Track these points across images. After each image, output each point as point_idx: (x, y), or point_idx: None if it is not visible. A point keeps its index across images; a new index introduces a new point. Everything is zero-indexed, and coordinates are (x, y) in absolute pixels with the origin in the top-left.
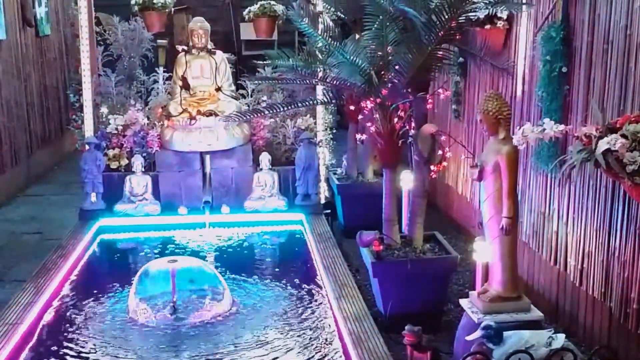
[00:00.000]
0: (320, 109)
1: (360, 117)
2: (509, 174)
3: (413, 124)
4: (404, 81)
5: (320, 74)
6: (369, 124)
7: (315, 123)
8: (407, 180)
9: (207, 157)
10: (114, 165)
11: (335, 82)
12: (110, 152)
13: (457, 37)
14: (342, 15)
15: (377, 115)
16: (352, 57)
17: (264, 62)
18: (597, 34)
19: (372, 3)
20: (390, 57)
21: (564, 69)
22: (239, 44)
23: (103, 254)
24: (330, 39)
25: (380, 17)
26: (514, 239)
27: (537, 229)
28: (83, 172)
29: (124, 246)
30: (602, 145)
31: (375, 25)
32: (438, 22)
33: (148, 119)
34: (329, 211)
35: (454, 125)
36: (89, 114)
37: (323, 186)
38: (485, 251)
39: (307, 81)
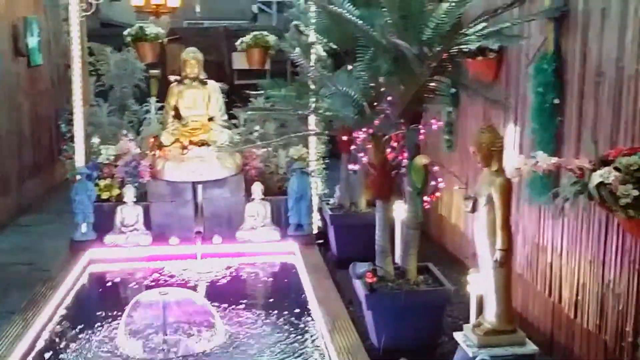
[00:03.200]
0: (312, 138)
1: (352, 147)
2: (502, 206)
3: (405, 155)
4: (397, 112)
5: (312, 105)
6: (361, 155)
7: (307, 152)
8: (399, 211)
9: (199, 187)
10: (105, 195)
11: (328, 112)
12: (102, 183)
13: (450, 68)
14: (335, 47)
15: (370, 146)
16: (344, 88)
17: (257, 92)
18: (589, 66)
19: (365, 35)
20: (382, 89)
21: (556, 101)
22: (231, 73)
23: (93, 286)
24: (323, 70)
25: (372, 48)
26: (508, 271)
27: (531, 261)
28: (74, 202)
29: (114, 277)
30: (596, 178)
31: (367, 57)
32: (430, 55)
33: (140, 149)
34: (321, 241)
35: (446, 156)
36: (81, 144)
37: (315, 216)
38: (480, 283)
39: (300, 111)
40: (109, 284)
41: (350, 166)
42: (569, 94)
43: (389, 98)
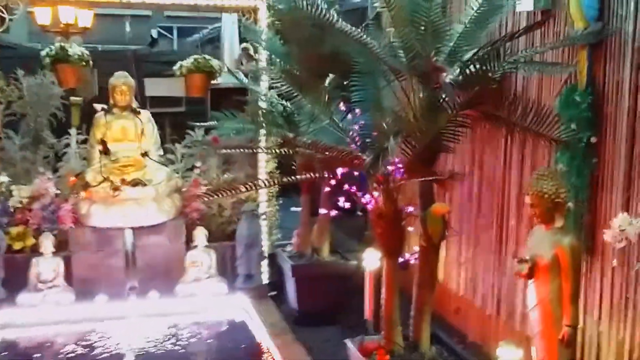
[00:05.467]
0: (263, 176)
1: (327, 189)
2: (574, 272)
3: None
4: (414, 154)
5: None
6: (342, 199)
7: (257, 192)
8: (371, 260)
9: (132, 234)
10: (17, 245)
11: (323, 151)
12: (13, 230)
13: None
14: (297, 72)
15: (379, 194)
16: (348, 126)
17: (202, 123)
18: None
19: (365, 57)
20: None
21: (593, 139)
22: (143, 101)
23: (8, 357)
24: (321, 103)
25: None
26: (574, 353)
27: None
28: None
29: (32, 346)
30: None
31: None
32: (468, 81)
33: (59, 189)
34: (274, 293)
35: None
36: None
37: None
38: None
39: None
40: (27, 356)
41: (323, 211)
42: (610, 132)
43: (407, 137)
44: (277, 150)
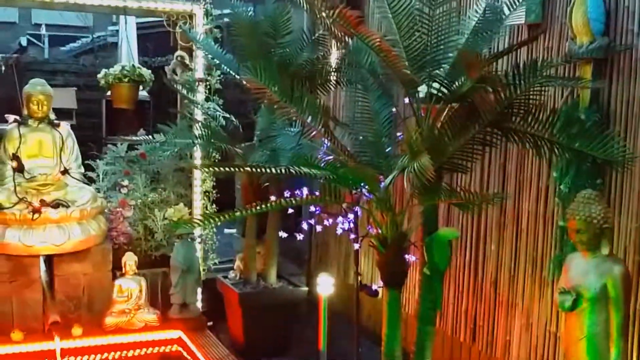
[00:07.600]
0: (198, 195)
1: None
2: (625, 303)
3: None
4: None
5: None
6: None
7: (190, 213)
8: (326, 286)
9: (49, 262)
10: None
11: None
12: None
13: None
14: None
15: (381, 219)
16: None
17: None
18: None
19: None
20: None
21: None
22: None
23: None
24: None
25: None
26: None
27: (544, 354)
28: None
29: None
30: None
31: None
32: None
33: None
34: (211, 324)
35: None
36: None
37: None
38: None
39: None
40: None
41: (283, 234)
42: None
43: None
44: (226, 168)
